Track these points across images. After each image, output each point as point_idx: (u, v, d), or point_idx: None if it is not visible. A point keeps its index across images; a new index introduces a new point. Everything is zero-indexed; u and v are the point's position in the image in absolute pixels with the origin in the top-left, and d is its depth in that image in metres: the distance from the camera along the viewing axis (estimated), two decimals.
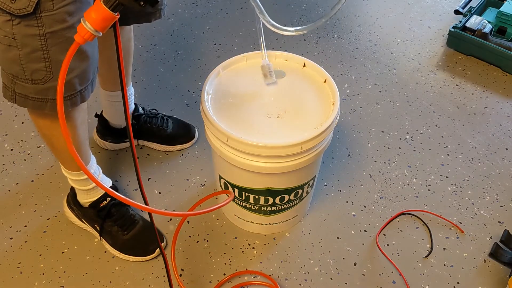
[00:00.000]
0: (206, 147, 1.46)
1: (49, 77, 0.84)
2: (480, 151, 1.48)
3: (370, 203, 1.34)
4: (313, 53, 1.79)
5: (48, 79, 0.85)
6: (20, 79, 0.85)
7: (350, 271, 1.20)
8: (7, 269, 1.18)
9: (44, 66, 0.83)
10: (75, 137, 1.03)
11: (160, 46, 1.79)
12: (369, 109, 1.60)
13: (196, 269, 1.19)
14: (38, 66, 0.83)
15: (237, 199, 1.16)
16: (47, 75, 0.84)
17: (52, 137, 1.03)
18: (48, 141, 1.06)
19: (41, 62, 0.82)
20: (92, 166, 1.14)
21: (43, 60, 0.82)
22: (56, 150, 1.08)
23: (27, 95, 0.88)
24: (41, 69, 0.83)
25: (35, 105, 0.89)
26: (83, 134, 1.06)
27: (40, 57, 0.82)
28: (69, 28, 0.82)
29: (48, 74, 0.84)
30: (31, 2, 0.77)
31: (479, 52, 1.76)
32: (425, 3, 2.06)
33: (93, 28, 0.67)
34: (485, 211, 1.33)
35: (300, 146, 0.98)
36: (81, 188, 1.16)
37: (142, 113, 1.40)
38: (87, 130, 1.07)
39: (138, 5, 0.67)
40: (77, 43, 0.68)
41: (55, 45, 0.82)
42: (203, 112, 1.04)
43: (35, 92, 0.86)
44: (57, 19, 0.80)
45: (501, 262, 1.18)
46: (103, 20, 0.67)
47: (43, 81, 0.85)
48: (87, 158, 1.11)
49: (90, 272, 1.18)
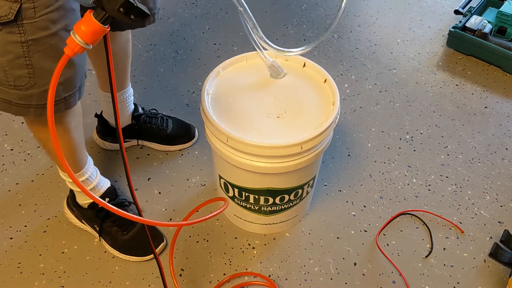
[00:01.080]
0: (206, 147, 1.46)
1: (32, 83, 0.84)
2: (480, 151, 1.48)
3: (370, 203, 1.34)
4: (313, 53, 1.79)
5: (31, 85, 0.84)
6: (4, 85, 0.85)
7: (350, 271, 1.20)
8: (7, 269, 1.18)
9: (26, 72, 0.82)
10: (69, 141, 1.03)
11: (160, 46, 1.79)
12: (369, 109, 1.60)
13: (196, 269, 1.19)
14: (21, 73, 0.82)
15: (237, 199, 1.16)
16: (30, 82, 0.84)
17: (47, 141, 1.03)
18: (44, 145, 1.06)
19: (24, 69, 0.82)
20: (88, 168, 1.14)
21: (26, 67, 0.82)
22: (51, 154, 1.09)
23: (11, 101, 0.87)
24: (24, 76, 0.83)
25: (19, 110, 0.88)
26: (78, 138, 1.06)
27: (23, 64, 0.81)
28: (52, 35, 0.81)
29: (30, 80, 0.84)
30: (12, 10, 0.76)
31: (479, 52, 1.76)
32: (425, 3, 2.06)
33: (83, 41, 0.66)
34: (485, 211, 1.33)
35: (300, 146, 0.98)
36: (79, 190, 1.16)
37: (142, 113, 1.40)
38: (82, 133, 1.07)
39: (128, 19, 0.66)
40: (66, 56, 0.67)
41: (38, 52, 0.81)
42: (203, 112, 1.04)
43: (18, 98, 0.86)
44: (40, 27, 0.79)
45: (501, 262, 1.18)
46: (93, 33, 0.67)
47: (26, 88, 0.84)
48: (83, 161, 1.11)
49: (90, 272, 1.18)
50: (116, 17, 0.66)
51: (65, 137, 1.02)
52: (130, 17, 0.66)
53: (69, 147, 1.04)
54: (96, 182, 1.16)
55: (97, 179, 1.17)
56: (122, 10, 0.65)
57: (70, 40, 0.67)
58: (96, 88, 1.34)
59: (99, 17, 0.66)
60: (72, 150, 1.06)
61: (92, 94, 1.56)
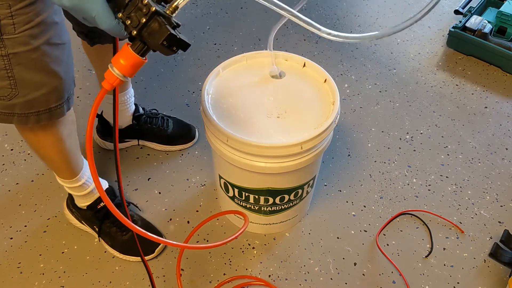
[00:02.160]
0: (206, 147, 1.46)
1: (14, 94, 0.85)
2: (480, 151, 1.48)
3: (370, 203, 1.34)
4: (313, 53, 1.79)
5: (13, 96, 0.85)
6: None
7: (350, 271, 1.20)
8: (7, 269, 1.18)
9: (8, 84, 0.83)
10: (63, 149, 1.04)
11: None
12: (369, 109, 1.60)
13: (196, 269, 1.19)
14: (3, 84, 0.83)
15: (237, 199, 1.16)
16: (12, 92, 0.84)
17: (40, 150, 1.04)
18: (37, 153, 1.07)
19: (6, 80, 0.82)
20: (85, 173, 1.13)
21: (7, 79, 0.82)
22: (45, 161, 1.10)
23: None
24: (6, 87, 0.83)
25: (2, 118, 0.89)
26: (72, 145, 1.06)
27: (4, 75, 0.82)
28: (34, 50, 0.81)
29: (13, 91, 0.84)
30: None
31: (479, 52, 1.76)
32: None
33: (121, 74, 0.65)
34: (485, 211, 1.33)
35: (300, 146, 0.98)
36: (77, 194, 1.16)
37: (143, 114, 1.40)
38: (77, 140, 1.07)
39: (171, 51, 0.64)
40: (104, 90, 0.66)
41: (19, 65, 0.82)
42: (203, 112, 1.04)
43: (2, 107, 0.87)
44: (20, 42, 0.79)
45: (501, 262, 1.18)
46: (133, 66, 0.65)
47: (9, 98, 0.85)
48: (78, 166, 1.11)
49: (90, 272, 1.18)
50: (159, 50, 0.64)
51: (59, 146, 1.02)
52: (172, 49, 0.64)
53: (63, 155, 1.05)
54: (93, 185, 1.16)
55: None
56: (166, 44, 0.63)
57: (109, 74, 0.65)
58: (96, 88, 1.34)
59: (138, 50, 0.64)
60: (66, 158, 1.06)
61: (92, 94, 1.57)
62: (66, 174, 1.10)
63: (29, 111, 0.88)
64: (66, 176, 1.11)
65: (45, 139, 1.00)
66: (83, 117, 1.51)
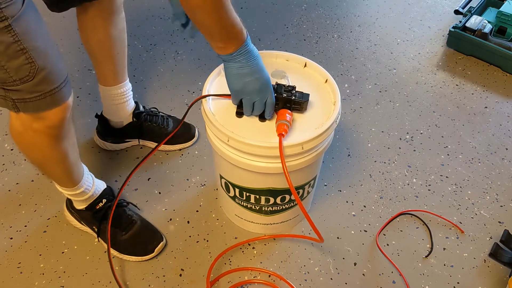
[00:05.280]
0: (206, 147, 1.46)
1: (35, 68, 0.80)
2: (480, 151, 1.48)
3: (370, 203, 1.34)
4: (313, 53, 1.79)
5: (35, 71, 0.80)
6: (9, 84, 0.81)
7: (350, 271, 1.20)
8: (7, 269, 1.18)
9: (24, 58, 0.78)
10: (68, 164, 1.04)
11: (160, 46, 1.79)
12: (369, 109, 1.60)
13: (196, 269, 1.19)
14: (19, 62, 0.78)
15: (238, 199, 1.16)
16: (32, 68, 0.79)
17: (46, 167, 1.05)
18: (43, 170, 1.08)
19: (20, 56, 0.78)
20: (85, 180, 1.13)
21: (22, 53, 0.78)
22: (49, 176, 1.10)
23: (25, 98, 0.84)
24: (24, 64, 0.79)
25: (36, 106, 0.85)
26: (74, 157, 1.05)
27: (17, 50, 0.77)
28: (24, 11, 0.77)
29: (32, 66, 0.79)
30: None
31: (479, 52, 1.76)
32: (425, 3, 2.06)
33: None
34: (485, 211, 1.33)
35: (301, 146, 0.98)
36: (77, 199, 1.16)
37: (143, 111, 1.40)
38: (77, 150, 1.07)
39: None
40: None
41: (24, 34, 0.77)
42: (204, 112, 1.04)
43: (29, 91, 0.82)
44: (15, 8, 0.75)
45: (501, 262, 1.18)
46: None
47: (32, 76, 0.80)
48: (79, 175, 1.11)
49: (90, 272, 1.18)
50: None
51: (65, 162, 1.02)
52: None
53: (67, 169, 1.05)
54: (93, 190, 1.16)
55: (94, 187, 1.17)
56: None
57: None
58: (96, 88, 1.34)
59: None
60: (69, 171, 1.07)
61: (92, 94, 1.56)
62: (68, 184, 1.11)
63: (58, 84, 0.84)
64: (68, 185, 1.11)
65: (51, 156, 0.99)
66: (83, 117, 1.51)
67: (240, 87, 0.96)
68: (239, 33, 0.90)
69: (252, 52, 0.94)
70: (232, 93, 1.00)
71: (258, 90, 0.97)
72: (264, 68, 0.97)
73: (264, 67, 0.97)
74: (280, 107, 1.02)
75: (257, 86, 0.96)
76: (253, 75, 0.95)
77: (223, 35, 0.89)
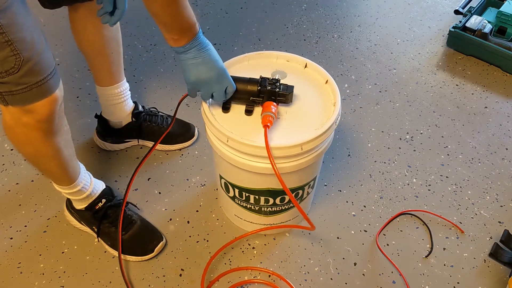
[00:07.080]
0: (206, 147, 1.46)
1: (20, 60, 0.79)
2: (480, 151, 1.48)
3: (370, 203, 1.34)
4: (313, 53, 1.79)
5: (20, 63, 0.79)
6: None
7: (350, 271, 1.20)
8: (7, 269, 1.18)
9: (10, 50, 0.77)
10: (62, 160, 1.03)
11: (160, 46, 1.79)
12: (369, 109, 1.60)
13: (196, 269, 1.19)
14: (4, 53, 0.77)
15: (238, 199, 1.16)
16: (17, 59, 0.79)
17: (40, 164, 1.04)
18: (37, 166, 1.07)
19: (6, 47, 0.77)
20: (81, 178, 1.13)
21: (7, 44, 0.77)
22: (44, 172, 1.10)
23: (12, 91, 0.83)
24: (9, 55, 0.78)
25: (23, 98, 0.84)
26: (69, 154, 1.05)
27: (2, 41, 0.76)
28: (11, 2, 0.76)
29: (17, 58, 0.79)
30: None
31: (479, 52, 1.76)
32: (425, 3, 2.06)
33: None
34: (485, 211, 1.33)
35: (301, 147, 0.98)
36: (75, 198, 1.16)
37: (142, 111, 1.40)
38: (72, 147, 1.07)
39: None
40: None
41: (11, 24, 0.76)
42: (203, 113, 1.04)
43: (16, 83, 0.82)
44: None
45: (501, 262, 1.18)
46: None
47: (17, 68, 0.79)
48: (75, 173, 1.11)
49: (90, 272, 1.18)
50: None
51: (58, 157, 1.02)
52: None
53: (62, 166, 1.05)
54: (90, 189, 1.16)
55: (92, 185, 1.16)
56: None
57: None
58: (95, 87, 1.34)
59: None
60: (64, 168, 1.06)
61: (92, 94, 1.56)
62: (64, 182, 1.10)
63: (45, 75, 0.83)
64: (64, 183, 1.11)
65: (44, 152, 0.99)
66: (83, 117, 1.52)
67: (195, 78, 0.98)
68: (193, 26, 0.94)
69: (204, 43, 0.98)
70: (188, 85, 1.01)
71: (214, 80, 0.98)
72: (218, 58, 0.99)
73: (219, 57, 0.99)
74: (265, 99, 1.03)
75: (211, 75, 0.98)
76: (206, 65, 0.97)
77: (178, 27, 0.92)
